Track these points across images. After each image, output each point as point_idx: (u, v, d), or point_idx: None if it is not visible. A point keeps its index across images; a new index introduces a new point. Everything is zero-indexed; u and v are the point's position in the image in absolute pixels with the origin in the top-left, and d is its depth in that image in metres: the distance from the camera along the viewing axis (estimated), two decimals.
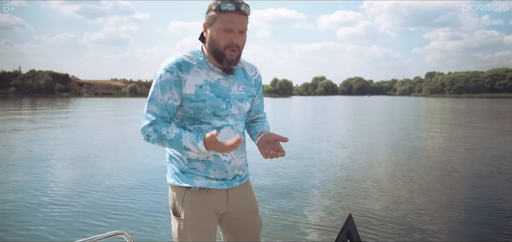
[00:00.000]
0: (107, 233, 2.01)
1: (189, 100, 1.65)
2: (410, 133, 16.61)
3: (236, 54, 1.66)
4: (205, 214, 1.74)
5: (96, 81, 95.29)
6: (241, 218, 1.85)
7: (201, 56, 1.71)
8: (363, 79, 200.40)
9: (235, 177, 1.79)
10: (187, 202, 1.72)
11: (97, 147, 11.51)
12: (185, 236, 1.74)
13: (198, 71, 1.68)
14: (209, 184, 1.72)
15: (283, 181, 7.43)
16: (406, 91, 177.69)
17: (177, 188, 1.75)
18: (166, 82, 1.64)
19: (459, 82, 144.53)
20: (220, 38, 1.63)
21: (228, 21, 1.61)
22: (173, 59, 1.67)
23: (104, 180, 7.46)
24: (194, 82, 1.66)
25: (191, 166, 1.72)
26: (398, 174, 8.13)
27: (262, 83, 1.94)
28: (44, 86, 76.38)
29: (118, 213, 5.50)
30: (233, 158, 1.74)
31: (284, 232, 4.80)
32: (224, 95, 1.70)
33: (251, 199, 1.90)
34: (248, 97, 1.79)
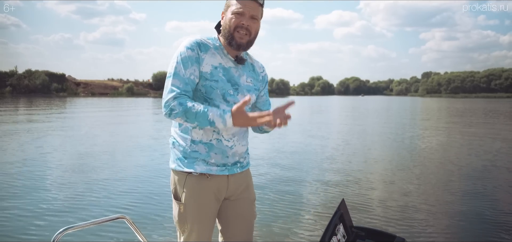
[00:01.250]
0: (109, 216, 2.08)
1: (204, 78, 1.74)
2: (406, 131, 16.76)
3: (246, 38, 1.75)
4: (205, 199, 1.80)
5: (92, 81, 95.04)
6: (238, 206, 1.91)
7: (217, 42, 1.81)
8: (360, 79, 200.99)
9: (236, 164, 1.85)
10: (188, 186, 1.79)
11: (98, 143, 11.61)
12: (184, 220, 1.82)
13: (214, 54, 1.78)
14: (210, 170, 1.78)
15: (282, 170, 7.78)
16: (402, 91, 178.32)
17: (178, 172, 1.82)
18: (188, 58, 1.72)
19: (455, 82, 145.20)
20: (231, 21, 1.74)
21: (240, 5, 1.72)
22: (193, 38, 1.77)
23: (105, 169, 7.71)
24: (210, 62, 1.76)
25: (194, 149, 1.77)
26: (392, 167, 8.36)
27: (267, 82, 2.02)
28: (40, 86, 76.09)
29: (120, 197, 5.77)
30: (235, 144, 1.81)
31: (281, 216, 5.06)
32: (233, 81, 1.79)
33: (250, 189, 1.95)
34: (255, 90, 1.89)
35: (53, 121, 20.37)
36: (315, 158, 9.81)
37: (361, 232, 1.88)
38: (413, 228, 4.75)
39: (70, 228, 1.79)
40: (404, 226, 4.80)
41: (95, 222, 1.98)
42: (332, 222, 1.79)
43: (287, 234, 4.49)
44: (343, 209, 1.86)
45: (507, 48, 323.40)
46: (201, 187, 1.79)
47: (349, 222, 1.89)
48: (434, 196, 6.25)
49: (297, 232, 4.57)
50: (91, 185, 6.48)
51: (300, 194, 6.19)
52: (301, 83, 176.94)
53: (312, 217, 5.10)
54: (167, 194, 5.66)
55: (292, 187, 6.60)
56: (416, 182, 7.17)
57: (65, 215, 4.98)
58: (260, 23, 1.81)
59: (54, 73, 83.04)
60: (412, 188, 6.73)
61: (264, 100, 1.99)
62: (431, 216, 5.24)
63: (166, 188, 6.00)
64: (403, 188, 6.71)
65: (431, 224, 4.93)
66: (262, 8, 1.80)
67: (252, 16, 1.74)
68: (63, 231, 1.75)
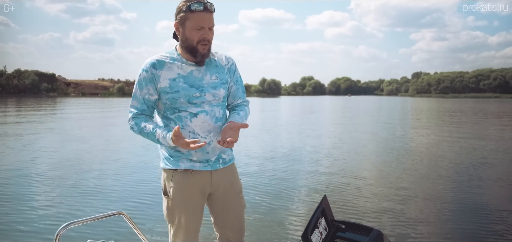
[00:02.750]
0: (108, 212, 2.19)
1: (164, 92, 1.91)
2: (396, 130, 17.03)
3: (207, 48, 1.91)
4: (190, 193, 1.97)
5: (83, 81, 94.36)
6: (225, 199, 2.07)
7: (175, 53, 1.96)
8: (351, 79, 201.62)
9: (218, 160, 2.01)
10: (175, 182, 1.96)
11: (92, 141, 11.67)
12: (172, 213, 1.99)
13: (171, 67, 1.92)
14: (193, 166, 1.95)
15: (268, 168, 8.11)
16: (393, 91, 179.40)
17: (166, 170, 2.01)
18: (142, 80, 1.93)
19: (445, 82, 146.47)
20: (192, 35, 1.87)
21: (199, 20, 1.85)
22: (149, 60, 1.95)
23: (101, 166, 8.04)
24: (167, 76, 1.91)
25: (176, 149, 1.95)
26: (374, 165, 8.65)
27: (237, 71, 2.10)
28: (30, 86, 75.38)
29: (118, 194, 6.07)
30: (212, 139, 1.95)
31: (266, 211, 5.36)
32: (197, 85, 1.93)
33: (234, 181, 2.11)
34: (222, 83, 1.99)
35: (47, 121, 20.30)
36: (299, 156, 10.00)
37: (341, 225, 2.03)
38: (390, 221, 5.03)
39: (72, 224, 1.91)
40: (382, 219, 5.09)
41: (95, 217, 2.10)
42: (314, 216, 1.93)
43: (272, 228, 4.74)
44: (325, 204, 2.01)
45: (495, 48, 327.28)
46: (186, 182, 1.96)
47: (330, 216, 2.04)
48: (413, 192, 6.53)
49: (281, 226, 4.82)
50: (87, 182, 6.77)
51: (284, 190, 6.52)
52: (293, 83, 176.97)
53: (296, 212, 5.39)
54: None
55: (277, 184, 6.94)
56: (396, 179, 7.46)
57: (62, 213, 5.13)
58: None
59: (44, 73, 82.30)
60: (392, 184, 7.02)
61: (235, 90, 2.08)
62: (409, 210, 5.51)
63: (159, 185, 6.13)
64: (383, 184, 7.01)
65: (408, 217, 5.19)
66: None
67: (210, 27, 1.90)
68: (65, 227, 1.86)
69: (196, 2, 1.84)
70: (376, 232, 1.92)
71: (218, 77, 1.99)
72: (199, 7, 1.84)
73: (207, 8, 1.85)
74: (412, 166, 8.84)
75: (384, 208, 5.57)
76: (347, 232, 2.00)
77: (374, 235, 1.90)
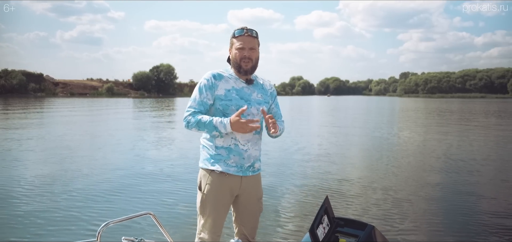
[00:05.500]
0: (138, 213, 2.43)
1: (219, 99, 2.31)
2: (384, 130, 17.47)
3: (250, 64, 2.34)
4: (222, 192, 2.33)
5: (71, 81, 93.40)
6: (247, 202, 2.45)
7: (230, 71, 2.39)
8: (340, 79, 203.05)
9: (249, 168, 2.37)
10: (210, 181, 2.33)
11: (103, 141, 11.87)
12: (204, 207, 2.36)
13: (228, 80, 2.36)
14: (228, 170, 2.31)
15: (280, 172, 8.40)
16: (381, 91, 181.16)
17: (204, 169, 2.37)
18: (203, 87, 2.34)
19: (432, 82, 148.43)
20: (236, 55, 2.33)
21: (240, 42, 2.33)
22: (211, 72, 2.37)
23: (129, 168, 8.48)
24: (224, 87, 2.33)
25: (217, 152, 2.32)
26: (368, 166, 9.02)
27: (276, 97, 2.58)
28: (17, 86, 74.49)
29: (146, 196, 6.50)
30: (249, 148, 2.34)
31: (276, 209, 5.87)
32: (246, 98, 2.34)
33: (258, 188, 2.49)
34: (265, 102, 2.43)
35: (71, 123, 20.24)
36: (303, 158, 10.33)
37: (341, 222, 2.35)
38: (384, 218, 5.46)
39: (111, 222, 2.19)
40: (376, 216, 5.50)
41: (128, 217, 2.38)
42: (319, 214, 2.24)
43: (283, 223, 5.31)
44: (326, 204, 2.32)
45: (481, 49, 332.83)
46: (220, 182, 2.32)
47: (331, 214, 2.35)
48: (406, 190, 6.92)
49: (289, 221, 5.39)
50: (117, 186, 7.21)
51: (292, 191, 6.98)
52: (282, 83, 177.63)
53: (302, 210, 5.95)
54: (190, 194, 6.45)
55: (284, 185, 7.41)
56: (389, 178, 7.86)
57: (94, 214, 5.51)
58: (258, 50, 2.38)
59: (32, 73, 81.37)
60: (385, 184, 7.42)
61: (275, 111, 2.54)
62: (401, 206, 5.91)
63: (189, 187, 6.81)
64: (376, 184, 7.40)
65: (399, 212, 5.61)
66: (257, 39, 2.37)
67: (250, 48, 2.31)
68: (105, 225, 2.15)
69: (238, 29, 2.35)
70: (370, 227, 2.24)
71: (262, 96, 2.42)
72: (241, 33, 2.33)
73: (247, 33, 2.33)
74: (401, 166, 9.25)
75: (376, 207, 6.02)
76: (346, 228, 2.33)
77: (369, 230, 2.23)
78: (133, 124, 21.65)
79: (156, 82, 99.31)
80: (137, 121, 23.78)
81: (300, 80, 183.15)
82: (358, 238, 2.20)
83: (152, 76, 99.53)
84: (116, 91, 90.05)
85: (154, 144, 12.87)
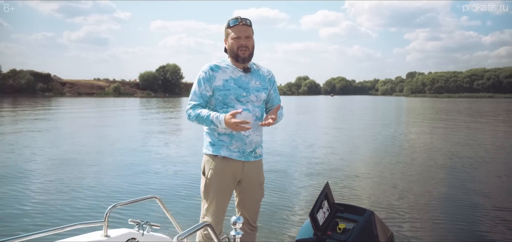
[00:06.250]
0: (142, 197, 2.51)
1: (218, 89, 2.36)
2: (391, 129, 17.46)
3: (247, 53, 2.38)
4: (224, 177, 2.40)
5: (78, 81, 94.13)
6: (249, 187, 2.50)
7: (227, 61, 2.44)
8: (346, 79, 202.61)
9: (251, 153, 2.44)
10: (213, 166, 2.39)
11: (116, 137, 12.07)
12: (208, 191, 2.43)
13: (225, 71, 2.40)
14: (230, 155, 2.38)
15: (279, 161, 8.70)
16: (388, 91, 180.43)
17: (208, 155, 2.43)
18: (201, 79, 2.40)
19: (439, 82, 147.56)
20: (233, 44, 2.37)
21: (236, 31, 2.36)
22: (208, 64, 2.42)
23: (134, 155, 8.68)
24: (222, 77, 2.38)
25: (220, 138, 2.38)
26: (368, 157, 9.17)
27: (275, 82, 2.61)
28: (25, 86, 75.20)
29: (151, 181, 7.01)
30: (250, 134, 2.39)
31: (280, 196, 6.20)
32: (244, 86, 2.39)
33: (259, 174, 2.55)
34: (264, 89, 2.47)
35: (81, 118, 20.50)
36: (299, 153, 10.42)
37: (340, 207, 2.40)
38: (381, 204, 5.76)
39: (117, 205, 2.27)
40: (376, 204, 5.74)
41: (135, 200, 2.46)
42: (319, 199, 2.30)
43: (285, 208, 5.56)
44: (327, 189, 2.38)
45: (489, 48, 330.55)
46: (222, 167, 2.39)
47: (332, 199, 2.41)
48: (408, 183, 7.00)
49: (291, 207, 5.65)
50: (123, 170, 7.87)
51: (294, 179, 7.37)
52: (288, 83, 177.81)
53: (303, 196, 6.26)
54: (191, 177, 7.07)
55: (287, 173, 7.80)
56: (386, 171, 7.95)
57: (101, 196, 5.97)
58: (253, 38, 2.43)
59: (39, 73, 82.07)
60: (384, 173, 7.64)
61: (273, 97, 2.58)
62: (398, 196, 6.04)
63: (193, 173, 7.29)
64: (376, 174, 7.61)
65: (398, 198, 5.77)
66: (251, 27, 2.42)
67: (246, 36, 2.37)
68: (112, 207, 2.23)
69: (233, 19, 2.38)
70: (369, 212, 2.29)
71: (261, 83, 2.47)
72: (235, 23, 2.37)
73: (242, 22, 2.36)
74: (405, 161, 9.31)
75: (375, 194, 6.33)
76: (345, 213, 2.38)
77: (367, 214, 2.29)
78: (141, 120, 21.91)
79: (162, 82, 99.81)
80: (144, 118, 24.05)
81: (306, 80, 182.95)
82: (357, 223, 2.25)
83: (158, 76, 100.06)
84: (123, 91, 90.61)
85: (160, 135, 13.63)
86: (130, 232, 2.35)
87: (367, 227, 2.25)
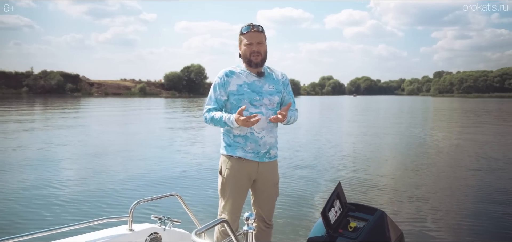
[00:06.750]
0: (164, 194, 2.68)
1: (232, 94, 2.50)
2: (414, 130, 17.20)
3: (260, 58, 2.51)
4: (240, 176, 2.53)
5: (105, 81, 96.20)
6: (264, 186, 2.63)
7: (242, 66, 2.57)
8: (371, 79, 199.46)
9: (265, 154, 2.56)
10: (229, 166, 2.53)
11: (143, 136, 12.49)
12: (224, 189, 2.57)
13: (240, 76, 2.53)
14: (246, 155, 2.51)
15: (293, 160, 8.98)
16: (414, 91, 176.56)
17: (224, 155, 2.57)
18: (217, 85, 2.54)
19: (468, 82, 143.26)
20: (246, 50, 2.50)
21: (248, 38, 2.49)
22: (223, 70, 2.56)
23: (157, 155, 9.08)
24: (236, 82, 2.51)
25: (235, 140, 2.52)
26: (380, 157, 9.16)
27: (289, 85, 2.71)
28: (55, 86, 77.53)
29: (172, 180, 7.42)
30: (264, 135, 2.52)
31: (295, 195, 6.48)
32: (258, 91, 2.52)
33: (274, 174, 2.67)
34: (277, 92, 2.59)
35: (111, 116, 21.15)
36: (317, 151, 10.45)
37: (352, 207, 2.48)
38: (393, 205, 5.94)
39: (141, 201, 2.43)
40: (386, 202, 5.97)
41: (157, 197, 2.62)
42: (331, 198, 2.38)
43: (299, 207, 5.80)
44: (339, 189, 2.46)
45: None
46: (238, 167, 2.53)
47: (343, 199, 2.49)
48: (425, 187, 6.97)
49: (306, 206, 5.91)
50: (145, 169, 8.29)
51: (309, 179, 7.60)
52: (312, 82, 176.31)
53: (319, 196, 6.49)
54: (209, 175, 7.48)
55: (302, 173, 8.00)
56: (410, 174, 7.91)
57: (125, 192, 6.43)
58: (266, 44, 2.55)
59: (69, 74, 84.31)
60: (396, 174, 7.83)
61: (287, 99, 2.68)
62: (410, 197, 6.12)
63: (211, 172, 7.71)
64: (387, 174, 7.76)
65: (415, 205, 5.78)
66: (264, 33, 2.54)
67: (258, 42, 2.49)
68: (137, 203, 2.39)
69: (245, 26, 2.52)
70: (379, 212, 2.36)
71: (274, 87, 2.57)
72: (248, 30, 2.51)
73: (254, 28, 2.48)
74: (424, 162, 9.22)
75: (388, 194, 6.52)
76: (357, 212, 2.46)
77: (378, 214, 2.36)
78: (166, 121, 22.40)
79: (187, 82, 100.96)
80: (169, 117, 24.55)
81: (330, 80, 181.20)
82: (367, 222, 2.31)
83: (183, 76, 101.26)
84: (148, 91, 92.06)
85: (183, 135, 14.21)
86: (153, 227, 2.50)
87: (377, 226, 2.31)
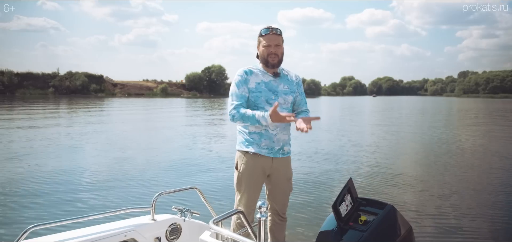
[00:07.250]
0: (184, 187, 2.84)
1: (251, 91, 2.63)
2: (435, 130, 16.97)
3: (276, 59, 2.64)
4: (255, 171, 2.66)
5: (128, 82, 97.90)
6: (278, 181, 2.75)
7: (259, 66, 2.70)
8: (393, 79, 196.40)
9: (279, 150, 2.68)
10: (245, 161, 2.67)
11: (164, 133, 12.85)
12: (240, 184, 2.70)
13: (257, 75, 2.67)
14: (260, 151, 2.64)
15: (308, 158, 9.24)
16: (437, 91, 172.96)
17: (240, 151, 2.70)
18: (239, 82, 2.64)
19: (495, 82, 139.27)
20: (264, 51, 2.64)
21: (267, 40, 2.62)
22: (243, 68, 2.68)
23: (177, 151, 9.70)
24: (254, 80, 2.64)
25: (250, 136, 2.65)
26: (388, 155, 9.15)
27: (302, 86, 2.83)
28: (80, 87, 79.50)
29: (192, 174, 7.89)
30: (278, 133, 2.64)
31: (307, 188, 6.88)
32: (273, 90, 2.66)
33: (288, 169, 2.79)
34: (291, 92, 2.73)
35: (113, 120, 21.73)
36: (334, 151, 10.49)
37: (363, 201, 2.57)
38: (401, 198, 6.16)
39: (163, 193, 2.60)
40: (395, 197, 6.16)
41: (178, 189, 2.79)
42: (342, 192, 2.48)
43: (311, 201, 6.09)
44: (350, 184, 2.56)
45: None
46: (253, 162, 2.66)
47: (354, 194, 2.58)
48: (438, 185, 6.93)
49: (316, 199, 6.23)
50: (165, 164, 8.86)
51: (323, 175, 7.95)
52: (333, 83, 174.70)
53: (332, 191, 6.76)
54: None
55: (316, 169, 8.30)
56: (423, 171, 7.88)
57: (147, 184, 6.92)
58: (283, 46, 2.68)
59: (93, 74, 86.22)
60: (405, 170, 8.02)
61: (300, 100, 2.81)
62: (418, 194, 6.16)
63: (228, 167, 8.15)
64: (395, 170, 7.95)
65: (415, 191, 6.00)
66: (281, 36, 2.67)
67: (276, 44, 2.62)
68: (159, 195, 2.55)
69: (264, 29, 2.65)
70: (389, 207, 2.45)
71: (289, 87, 2.71)
72: (266, 32, 2.64)
73: (272, 31, 2.62)
74: (443, 161, 9.13)
75: (397, 190, 6.75)
76: (367, 207, 2.55)
77: (388, 208, 2.44)
78: (187, 119, 22.94)
79: (207, 82, 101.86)
80: (190, 116, 25.09)
81: (351, 80, 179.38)
82: (377, 215, 2.41)
83: (204, 77, 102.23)
84: (170, 92, 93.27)
85: (202, 132, 15.09)
86: (174, 218, 2.67)
87: (386, 219, 2.39)
